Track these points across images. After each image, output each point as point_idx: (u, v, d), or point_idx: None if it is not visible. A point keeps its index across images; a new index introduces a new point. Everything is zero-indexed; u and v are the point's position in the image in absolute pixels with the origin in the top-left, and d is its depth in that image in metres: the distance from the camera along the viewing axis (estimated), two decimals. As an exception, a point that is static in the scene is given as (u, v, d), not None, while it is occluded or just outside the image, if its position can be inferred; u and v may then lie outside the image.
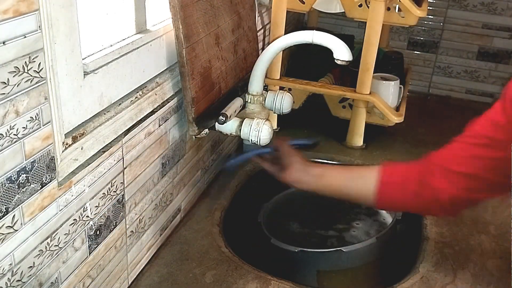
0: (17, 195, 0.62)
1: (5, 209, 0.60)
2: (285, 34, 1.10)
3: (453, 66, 1.94)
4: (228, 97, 1.11)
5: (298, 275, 1.09)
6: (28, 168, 0.63)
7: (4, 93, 0.57)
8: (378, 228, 1.24)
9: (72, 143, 0.71)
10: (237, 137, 1.15)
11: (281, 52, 1.13)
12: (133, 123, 0.85)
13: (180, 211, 1.12)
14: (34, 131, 0.63)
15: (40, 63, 0.62)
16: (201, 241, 1.07)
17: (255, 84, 1.13)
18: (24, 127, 0.61)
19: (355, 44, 1.78)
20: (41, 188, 0.66)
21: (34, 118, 0.62)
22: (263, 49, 1.12)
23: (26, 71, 0.60)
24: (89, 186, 0.76)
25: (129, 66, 0.84)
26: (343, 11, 1.38)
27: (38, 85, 0.62)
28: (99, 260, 0.83)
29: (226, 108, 1.06)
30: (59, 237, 0.72)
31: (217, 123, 1.04)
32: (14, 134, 0.60)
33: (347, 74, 1.57)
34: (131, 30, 0.89)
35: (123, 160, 0.84)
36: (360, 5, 1.33)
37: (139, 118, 0.87)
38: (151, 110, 0.91)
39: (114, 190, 0.84)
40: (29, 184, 0.64)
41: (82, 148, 0.73)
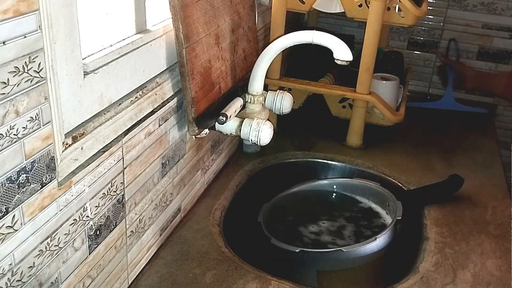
0: (17, 195, 0.62)
1: (5, 209, 0.60)
2: (285, 34, 1.10)
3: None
4: (228, 97, 1.11)
5: (298, 275, 1.09)
6: (28, 168, 0.63)
7: (4, 93, 0.57)
8: (378, 228, 1.24)
9: (72, 143, 0.71)
10: (237, 137, 1.15)
11: (281, 52, 1.13)
12: (133, 123, 0.85)
13: (180, 211, 1.12)
14: (34, 131, 0.63)
15: (40, 63, 0.62)
16: (201, 241, 1.07)
17: (255, 84, 1.13)
18: (24, 127, 0.61)
19: (355, 44, 1.78)
20: (41, 188, 0.66)
21: (34, 118, 0.62)
22: (263, 49, 1.12)
23: (26, 71, 0.60)
24: (89, 186, 0.76)
25: (129, 66, 0.84)
26: (343, 11, 1.38)
27: (38, 85, 0.62)
28: (99, 260, 0.83)
29: (226, 108, 1.06)
30: (59, 237, 0.72)
31: (217, 123, 1.04)
32: (14, 134, 0.60)
33: (347, 74, 1.57)
34: (131, 30, 0.89)
35: (123, 160, 0.84)
36: (360, 5, 1.33)
37: (139, 118, 0.87)
38: (151, 110, 0.91)
39: (114, 190, 0.84)
40: (29, 184, 0.64)
41: (82, 148, 0.73)
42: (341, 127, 1.50)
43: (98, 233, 0.81)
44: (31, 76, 0.61)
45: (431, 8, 1.87)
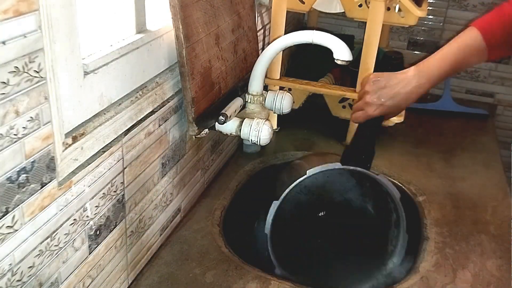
0: (17, 195, 0.62)
1: (5, 209, 0.60)
2: (285, 34, 1.10)
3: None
4: (228, 97, 1.11)
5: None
6: (28, 168, 0.63)
7: (4, 93, 0.57)
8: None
9: (72, 143, 0.71)
10: (237, 137, 1.15)
11: (281, 52, 1.13)
12: (133, 123, 0.85)
13: (180, 211, 1.12)
14: (34, 131, 0.63)
15: (40, 63, 0.62)
16: (201, 241, 1.07)
17: (255, 84, 1.13)
18: (24, 127, 0.61)
19: (355, 44, 1.78)
20: (41, 188, 0.66)
21: (34, 118, 0.62)
22: (263, 49, 1.12)
23: (26, 71, 0.60)
24: (89, 186, 0.76)
25: (129, 66, 0.84)
26: (343, 11, 1.38)
27: (38, 85, 0.62)
28: (99, 260, 0.83)
29: (226, 108, 1.06)
30: (59, 237, 0.72)
31: (217, 123, 1.04)
32: (14, 134, 0.60)
33: (347, 74, 1.57)
34: (131, 30, 0.89)
35: (123, 160, 0.84)
36: (360, 5, 1.33)
37: (139, 118, 0.87)
38: (151, 110, 0.91)
39: (114, 190, 0.84)
40: (29, 184, 0.64)
41: (82, 148, 0.73)
42: (341, 127, 1.50)
43: (98, 233, 0.81)
44: (31, 76, 0.61)
45: (431, 8, 1.87)
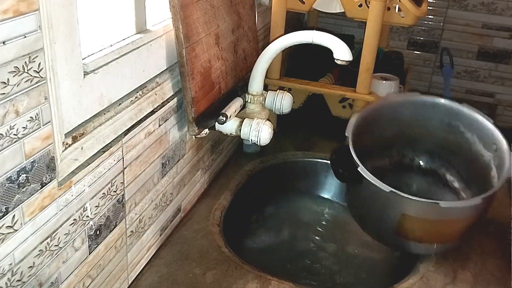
0: (17, 195, 0.62)
1: (5, 209, 0.60)
2: (285, 34, 1.10)
3: (453, 66, 1.94)
4: (228, 97, 1.11)
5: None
6: (28, 168, 0.63)
7: (4, 93, 0.57)
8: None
9: (72, 143, 0.71)
10: (237, 137, 1.15)
11: (281, 52, 1.13)
12: (133, 123, 0.85)
13: (180, 211, 1.12)
14: (34, 131, 0.63)
15: (40, 63, 0.62)
16: (201, 241, 1.07)
17: (255, 84, 1.13)
18: (24, 127, 0.61)
19: (355, 44, 1.78)
20: (41, 188, 0.66)
21: (34, 118, 0.62)
22: (263, 49, 1.12)
23: (26, 71, 0.60)
24: (89, 186, 0.76)
25: (129, 66, 0.84)
26: (343, 11, 1.38)
27: (38, 85, 0.62)
28: (99, 260, 0.83)
29: (226, 108, 1.06)
30: (59, 237, 0.72)
31: (217, 123, 1.04)
32: (14, 134, 0.60)
33: (347, 74, 1.57)
34: (131, 30, 0.89)
35: (123, 160, 0.84)
36: (360, 5, 1.33)
37: (139, 118, 0.87)
38: (151, 110, 0.91)
39: (114, 190, 0.84)
40: (29, 184, 0.64)
41: (82, 148, 0.73)
42: (341, 127, 1.49)
43: (98, 233, 0.81)
44: (31, 76, 0.61)
45: (431, 8, 1.87)
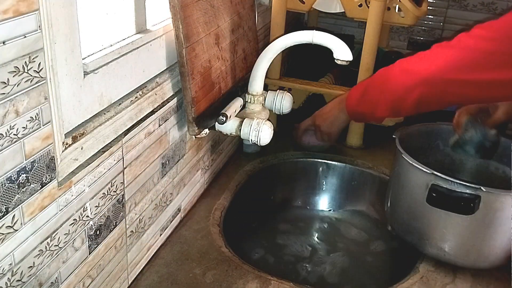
0: (17, 195, 0.62)
1: (5, 209, 0.60)
2: (285, 34, 1.10)
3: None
4: (228, 97, 1.11)
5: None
6: (28, 168, 0.63)
7: (4, 93, 0.57)
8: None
9: (72, 143, 0.71)
10: (237, 137, 1.15)
11: (281, 52, 1.13)
12: (133, 123, 0.85)
13: (180, 211, 1.12)
14: (34, 131, 0.63)
15: (40, 63, 0.62)
16: (201, 241, 1.07)
17: (255, 84, 1.13)
18: (24, 127, 0.61)
19: (355, 44, 1.78)
20: (41, 188, 0.66)
21: (34, 118, 0.62)
22: (263, 49, 1.12)
23: (26, 71, 0.60)
24: (89, 186, 0.76)
25: (129, 66, 0.84)
26: (343, 11, 1.38)
27: (38, 85, 0.62)
28: (99, 260, 0.83)
29: (226, 108, 1.06)
30: (59, 237, 0.72)
31: (217, 123, 1.04)
32: (14, 134, 0.60)
33: (347, 74, 1.57)
34: (131, 30, 0.89)
35: (123, 160, 0.84)
36: (360, 5, 1.33)
37: (139, 118, 0.87)
38: (151, 110, 0.91)
39: (114, 190, 0.84)
40: (29, 184, 0.64)
41: (82, 148, 0.73)
42: (341, 127, 1.49)
43: (98, 233, 0.81)
44: (31, 76, 0.61)
45: (431, 8, 1.87)
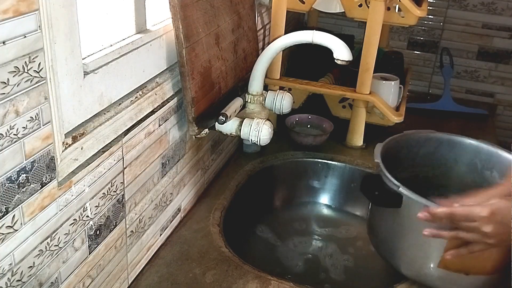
0: (17, 195, 0.62)
1: (5, 209, 0.60)
2: (285, 34, 1.10)
3: (453, 66, 1.94)
4: (228, 97, 1.11)
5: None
6: (28, 168, 0.63)
7: (4, 93, 0.57)
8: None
9: (72, 143, 0.71)
10: (237, 137, 1.15)
11: (281, 52, 1.13)
12: (133, 123, 0.85)
13: (180, 211, 1.12)
14: (34, 131, 0.63)
15: (40, 63, 0.62)
16: (201, 241, 1.07)
17: (255, 84, 1.13)
18: (24, 127, 0.61)
19: (355, 44, 1.78)
20: (41, 188, 0.66)
21: (34, 118, 0.62)
22: (263, 49, 1.12)
23: (26, 71, 0.60)
24: (89, 186, 0.76)
25: (129, 66, 0.84)
26: (343, 11, 1.38)
27: (38, 85, 0.62)
28: (99, 260, 0.83)
29: (226, 108, 1.06)
30: (59, 237, 0.72)
31: (217, 123, 1.04)
32: (14, 134, 0.60)
33: (347, 74, 1.57)
34: (131, 30, 0.89)
35: (123, 160, 0.84)
36: (360, 5, 1.33)
37: (139, 118, 0.87)
38: (151, 110, 0.91)
39: (114, 190, 0.84)
40: (29, 184, 0.64)
41: (82, 148, 0.73)
42: (341, 127, 1.50)
43: (98, 233, 0.81)
44: (31, 76, 0.61)
45: (431, 8, 1.87)
